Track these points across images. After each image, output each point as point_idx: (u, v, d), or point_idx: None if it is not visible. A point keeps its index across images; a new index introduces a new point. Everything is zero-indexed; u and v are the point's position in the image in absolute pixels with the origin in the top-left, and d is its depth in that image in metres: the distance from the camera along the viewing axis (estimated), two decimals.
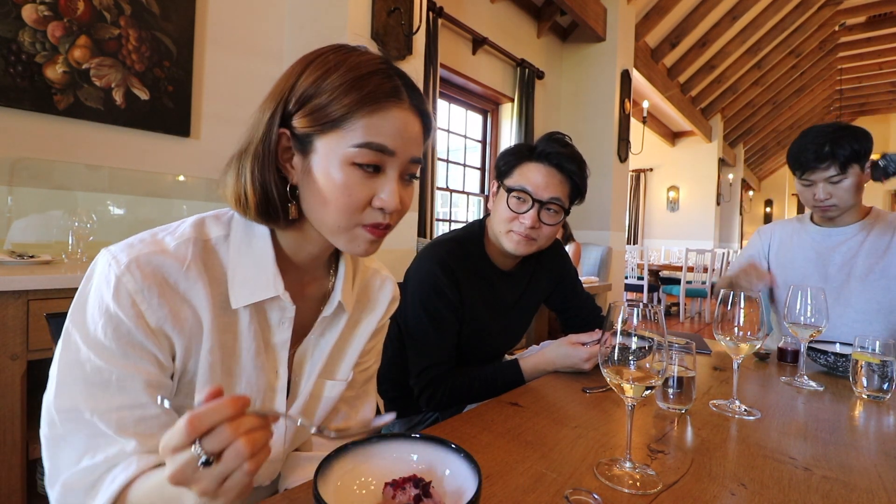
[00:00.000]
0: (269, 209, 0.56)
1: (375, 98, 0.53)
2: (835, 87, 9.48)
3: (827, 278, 1.39)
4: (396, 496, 0.45)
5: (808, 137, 1.32)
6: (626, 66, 4.47)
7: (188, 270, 0.53)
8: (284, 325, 0.61)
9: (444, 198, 3.94)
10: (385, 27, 2.24)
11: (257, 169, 0.55)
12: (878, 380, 0.94)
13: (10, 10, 1.59)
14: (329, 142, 0.53)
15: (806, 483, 0.59)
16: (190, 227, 0.56)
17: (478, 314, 1.12)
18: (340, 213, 0.54)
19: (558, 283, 1.30)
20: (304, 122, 0.53)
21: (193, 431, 0.37)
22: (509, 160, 1.09)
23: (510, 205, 1.05)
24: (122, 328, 0.49)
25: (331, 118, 0.53)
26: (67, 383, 0.49)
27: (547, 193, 1.03)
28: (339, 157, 0.53)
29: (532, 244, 1.07)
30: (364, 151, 0.53)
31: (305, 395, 0.65)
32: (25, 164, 1.66)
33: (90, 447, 0.48)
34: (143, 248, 0.52)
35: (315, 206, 0.55)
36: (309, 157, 0.54)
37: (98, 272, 0.51)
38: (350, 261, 0.69)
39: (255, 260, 0.57)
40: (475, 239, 1.14)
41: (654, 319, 0.58)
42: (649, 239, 9.55)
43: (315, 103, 0.53)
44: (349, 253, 0.60)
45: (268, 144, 0.54)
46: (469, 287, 1.09)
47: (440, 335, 1.04)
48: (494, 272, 1.15)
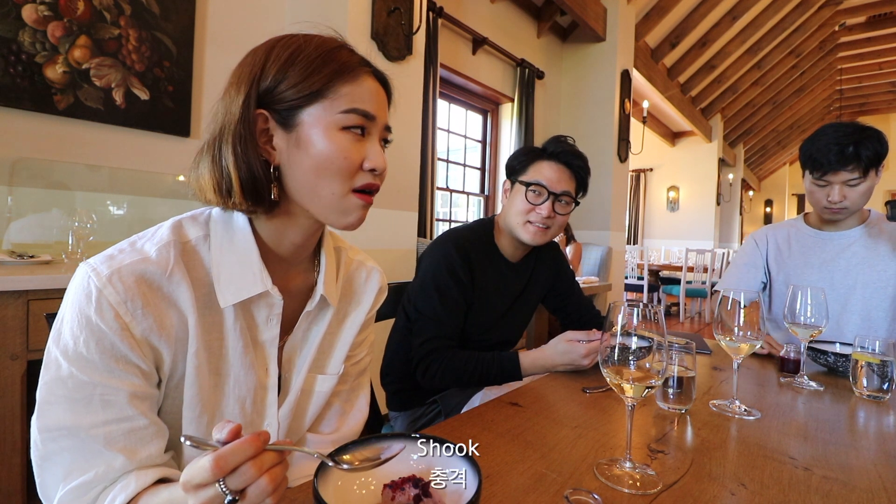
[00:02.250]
0: (255, 189, 0.55)
1: (351, 67, 0.57)
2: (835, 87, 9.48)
3: (833, 285, 1.34)
4: (396, 497, 0.45)
5: (827, 137, 1.24)
6: (626, 66, 4.47)
7: (171, 275, 0.52)
8: (272, 321, 0.60)
9: (444, 198, 3.94)
10: (385, 27, 2.24)
11: (240, 150, 0.54)
12: (878, 380, 0.94)
13: (10, 10, 1.59)
14: (315, 111, 0.55)
15: (806, 483, 0.59)
16: (168, 231, 0.55)
17: (489, 299, 1.19)
18: (335, 178, 0.55)
19: (556, 280, 1.37)
20: (284, 96, 0.54)
21: (220, 472, 0.38)
22: (522, 159, 1.19)
23: (528, 198, 1.15)
24: (105, 341, 0.48)
25: (313, 89, 0.54)
26: (50, 402, 0.48)
27: (560, 187, 1.15)
28: (329, 123, 0.55)
29: (546, 233, 1.17)
30: (352, 116, 0.55)
31: (297, 391, 0.64)
32: (25, 164, 1.66)
33: (79, 464, 0.48)
34: (123, 259, 0.51)
35: (308, 178, 0.56)
36: (294, 131, 0.55)
37: (76, 286, 0.50)
38: (333, 254, 0.69)
39: (238, 257, 0.57)
40: (487, 231, 1.24)
41: (654, 319, 0.58)
42: (649, 239, 9.55)
43: (294, 78, 0.54)
44: (341, 227, 0.59)
45: (247, 125, 0.54)
46: (483, 271, 1.17)
47: (447, 312, 1.10)
48: (504, 262, 1.24)
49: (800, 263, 1.41)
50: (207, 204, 0.59)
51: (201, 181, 0.57)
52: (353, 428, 0.72)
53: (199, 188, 0.57)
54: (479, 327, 1.18)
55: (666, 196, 9.42)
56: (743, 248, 1.56)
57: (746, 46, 6.50)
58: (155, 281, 0.52)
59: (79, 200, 1.79)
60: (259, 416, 0.61)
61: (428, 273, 1.12)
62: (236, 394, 0.59)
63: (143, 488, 0.48)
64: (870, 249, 1.33)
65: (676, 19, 5.46)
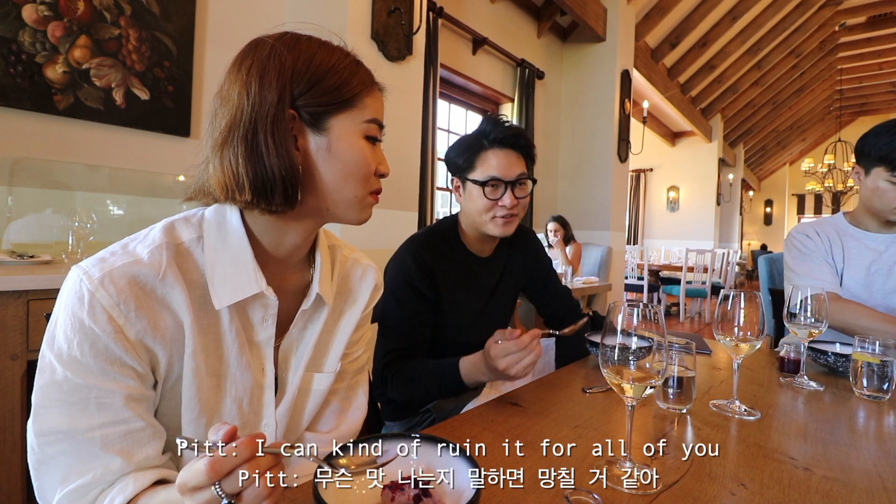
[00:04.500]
0: (293, 185, 0.55)
1: (372, 80, 0.61)
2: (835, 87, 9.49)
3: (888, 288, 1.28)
4: (396, 497, 0.45)
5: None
6: (626, 67, 4.47)
7: (164, 277, 0.52)
8: (268, 321, 0.60)
9: (444, 198, 3.94)
10: (385, 27, 2.24)
11: (281, 144, 0.54)
12: (878, 380, 0.94)
13: (10, 10, 1.59)
14: (344, 119, 0.58)
15: (806, 483, 0.59)
16: (160, 233, 0.55)
17: (459, 299, 1.15)
18: (360, 182, 0.59)
19: (533, 268, 1.33)
20: (318, 101, 0.56)
21: (216, 475, 0.38)
22: (465, 155, 1.13)
23: (486, 195, 1.10)
24: (99, 344, 0.48)
25: (346, 97, 0.57)
26: (46, 406, 0.48)
27: (513, 173, 1.10)
28: (357, 131, 0.58)
29: (515, 221, 1.14)
30: (373, 126, 0.60)
31: (294, 390, 0.64)
32: (25, 164, 1.66)
33: (76, 468, 0.48)
34: (115, 261, 0.50)
35: (336, 179, 0.58)
36: (325, 135, 0.57)
37: (69, 289, 0.50)
38: (328, 253, 0.69)
39: (232, 258, 0.57)
40: (451, 230, 1.20)
41: (654, 319, 0.58)
42: (649, 239, 9.55)
43: (328, 84, 0.56)
44: (357, 223, 0.63)
45: (284, 122, 0.54)
46: (446, 276, 1.14)
47: (407, 323, 1.08)
48: (472, 259, 1.21)
49: (853, 264, 1.34)
50: (213, 202, 0.59)
51: (223, 177, 0.54)
52: (353, 426, 0.72)
53: (222, 184, 0.55)
54: (455, 328, 1.15)
55: (666, 196, 9.42)
56: (804, 242, 1.39)
57: (746, 46, 6.50)
58: (148, 283, 0.51)
59: (79, 200, 1.79)
60: (256, 416, 0.61)
61: (389, 284, 1.09)
62: (233, 394, 0.59)
63: (140, 490, 0.48)
64: None
65: (676, 19, 5.46)
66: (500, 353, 0.83)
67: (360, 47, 0.64)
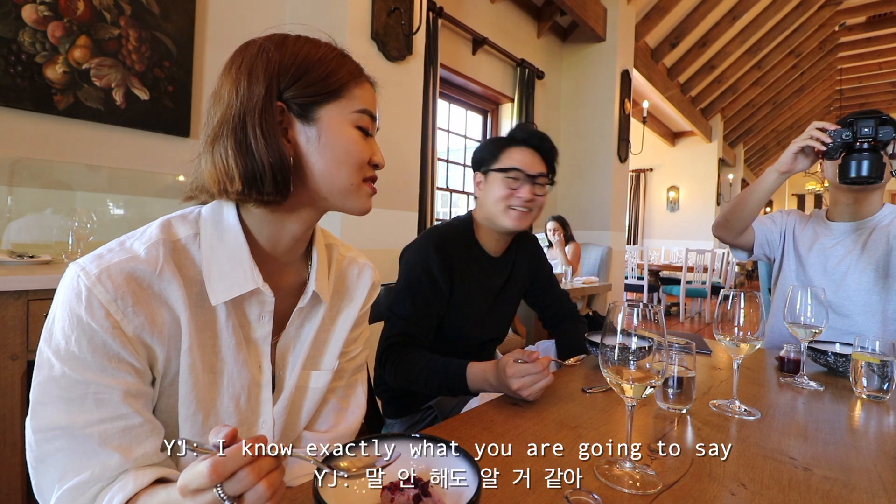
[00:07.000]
0: (284, 176, 0.56)
1: (360, 71, 0.62)
2: (835, 87, 9.48)
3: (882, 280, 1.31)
4: (395, 497, 0.45)
5: None
6: (626, 66, 4.47)
7: (161, 273, 0.52)
8: (264, 319, 0.61)
9: (444, 198, 3.94)
10: (385, 27, 2.24)
11: (270, 136, 0.55)
12: (878, 380, 0.94)
13: (10, 10, 1.59)
14: (332, 109, 0.59)
15: (806, 483, 0.59)
16: (157, 230, 0.55)
17: (471, 295, 1.17)
18: (353, 169, 0.60)
19: (536, 273, 1.36)
20: (305, 92, 0.57)
21: (217, 477, 0.38)
22: (491, 149, 1.19)
23: (506, 183, 1.15)
24: (97, 340, 0.48)
25: (333, 87, 0.58)
26: (43, 402, 0.48)
27: (535, 169, 1.16)
28: (347, 120, 0.59)
29: (528, 217, 1.17)
30: (363, 115, 0.61)
31: (291, 388, 0.64)
32: (25, 164, 1.66)
33: (74, 464, 0.47)
34: (112, 258, 0.51)
35: (329, 167, 0.59)
36: (315, 125, 0.58)
37: (66, 286, 0.50)
38: (324, 251, 0.69)
39: (228, 254, 0.57)
40: (467, 227, 1.24)
41: (654, 319, 0.58)
42: (649, 239, 9.55)
43: (314, 75, 0.57)
44: (357, 212, 0.63)
45: (271, 114, 0.55)
46: (463, 268, 1.17)
47: (416, 310, 1.09)
48: (485, 257, 1.24)
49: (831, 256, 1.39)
50: (210, 199, 0.60)
51: (215, 170, 0.55)
52: (351, 426, 0.72)
53: (214, 178, 0.56)
54: (462, 325, 1.17)
55: (666, 196, 9.42)
56: (773, 213, 1.57)
57: (746, 46, 6.50)
58: (145, 279, 0.52)
59: (79, 200, 1.79)
60: (254, 414, 0.61)
61: (403, 271, 1.13)
62: (230, 391, 0.59)
63: (141, 488, 0.48)
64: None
65: (676, 19, 5.46)
66: (518, 373, 0.82)
67: (360, 47, 0.65)
